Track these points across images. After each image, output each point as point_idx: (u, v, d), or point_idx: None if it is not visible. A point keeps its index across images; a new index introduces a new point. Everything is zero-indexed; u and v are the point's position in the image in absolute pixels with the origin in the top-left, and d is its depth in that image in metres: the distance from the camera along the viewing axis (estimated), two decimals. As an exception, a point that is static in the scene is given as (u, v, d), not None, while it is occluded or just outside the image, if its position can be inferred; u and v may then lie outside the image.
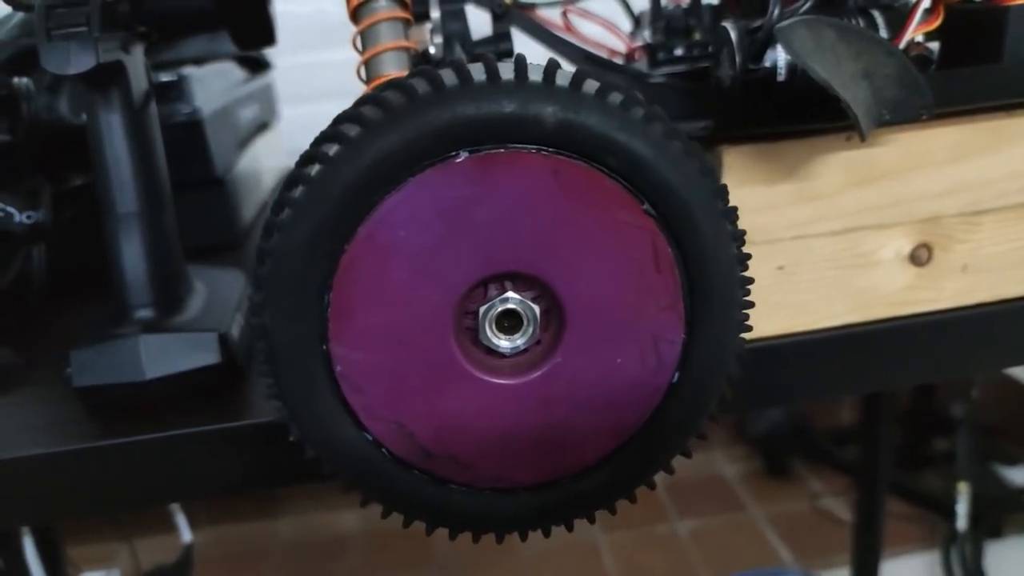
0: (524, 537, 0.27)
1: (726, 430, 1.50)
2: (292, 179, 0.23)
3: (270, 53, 0.79)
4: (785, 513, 1.33)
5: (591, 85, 0.23)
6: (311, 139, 0.24)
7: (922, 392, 1.37)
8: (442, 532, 0.27)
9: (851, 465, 1.32)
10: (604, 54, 0.44)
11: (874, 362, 0.38)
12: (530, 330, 0.25)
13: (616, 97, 0.23)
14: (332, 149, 0.23)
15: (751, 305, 0.25)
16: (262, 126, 0.75)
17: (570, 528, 0.27)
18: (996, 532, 1.19)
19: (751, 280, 0.25)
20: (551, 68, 0.23)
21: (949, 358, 0.39)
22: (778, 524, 1.31)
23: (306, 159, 0.24)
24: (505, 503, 0.26)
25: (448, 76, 0.23)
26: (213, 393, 0.35)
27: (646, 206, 0.24)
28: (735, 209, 0.25)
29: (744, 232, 0.25)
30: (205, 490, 0.35)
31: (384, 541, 1.30)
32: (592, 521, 0.27)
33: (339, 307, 0.23)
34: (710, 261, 0.24)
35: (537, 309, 0.25)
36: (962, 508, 1.11)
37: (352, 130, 0.23)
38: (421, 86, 0.23)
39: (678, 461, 0.27)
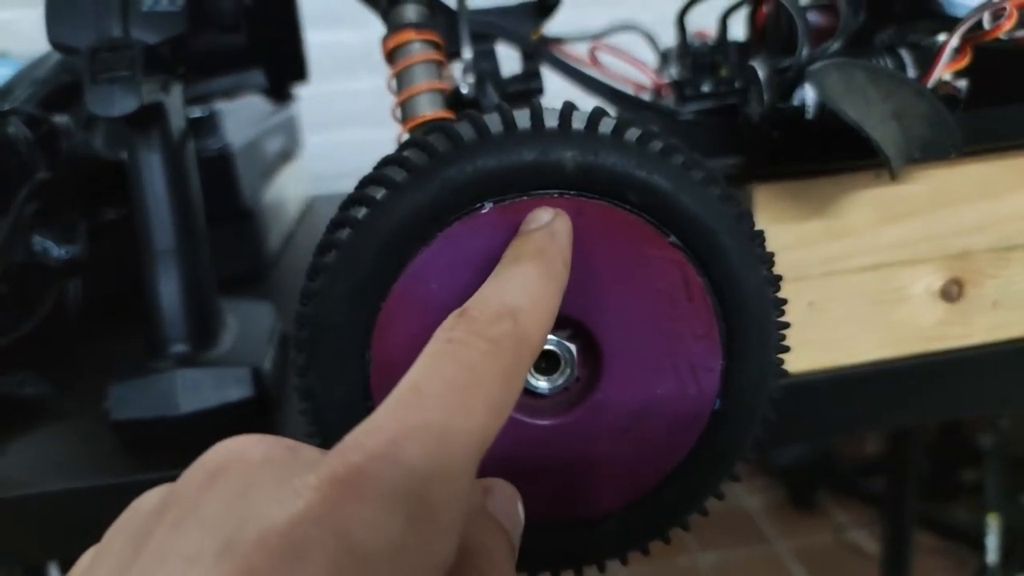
0: (580, 573, 0.27)
1: (749, 461, 1.48)
2: (324, 245, 0.24)
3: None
4: (810, 546, 1.31)
5: (607, 124, 0.23)
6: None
7: (950, 422, 1.34)
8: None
9: (877, 497, 1.30)
10: (631, 90, 0.44)
11: (905, 397, 0.38)
12: (568, 369, 0.25)
13: (633, 133, 0.23)
14: (360, 212, 0.23)
15: (786, 349, 0.25)
16: (287, 157, 0.76)
17: (624, 562, 0.26)
18: (1028, 566, 1.16)
19: (787, 324, 0.25)
20: (566, 111, 0.24)
21: (980, 394, 0.39)
22: (803, 557, 1.29)
23: (336, 224, 0.24)
24: (561, 540, 0.26)
25: (466, 130, 0.23)
26: (246, 426, 0.35)
27: (672, 238, 0.24)
28: (771, 254, 0.25)
29: (780, 277, 0.25)
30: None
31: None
32: (646, 553, 0.26)
33: (380, 363, 0.24)
34: (740, 286, 0.24)
35: (573, 348, 0.25)
36: (992, 541, 1.08)
37: (378, 192, 0.23)
38: (441, 143, 0.23)
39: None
